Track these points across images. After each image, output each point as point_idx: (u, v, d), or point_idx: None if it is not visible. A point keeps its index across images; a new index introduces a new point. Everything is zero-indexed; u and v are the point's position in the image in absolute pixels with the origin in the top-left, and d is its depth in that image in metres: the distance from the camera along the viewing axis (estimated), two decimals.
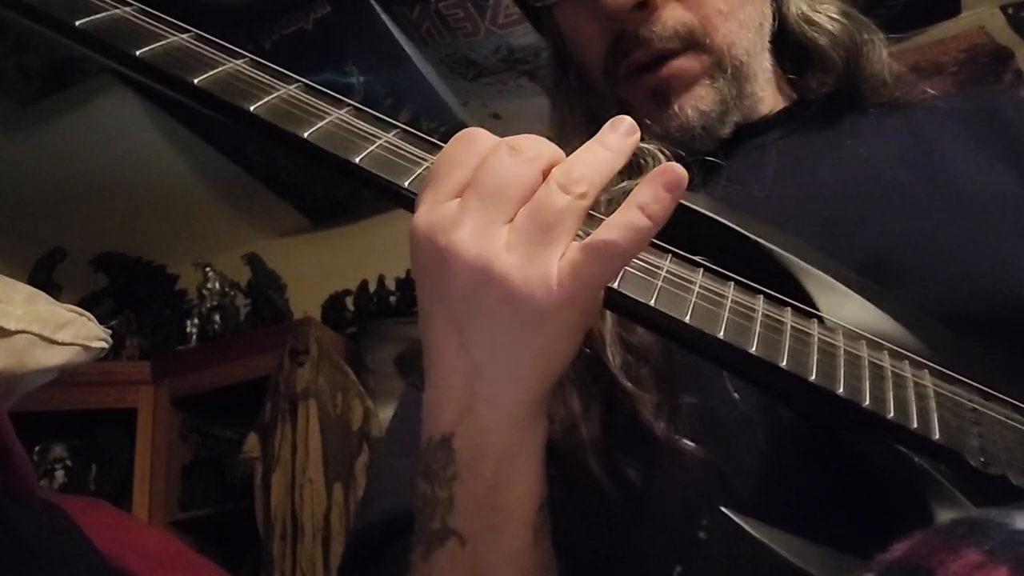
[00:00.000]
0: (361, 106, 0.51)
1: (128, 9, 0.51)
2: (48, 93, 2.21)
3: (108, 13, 0.50)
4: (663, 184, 0.44)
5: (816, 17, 0.74)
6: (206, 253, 2.72)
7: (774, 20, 0.75)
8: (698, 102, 0.69)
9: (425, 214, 0.44)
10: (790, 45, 0.75)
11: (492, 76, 2.27)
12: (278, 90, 0.49)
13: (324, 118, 0.49)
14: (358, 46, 2.14)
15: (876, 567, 0.33)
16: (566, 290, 0.42)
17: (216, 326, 2.60)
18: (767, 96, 0.75)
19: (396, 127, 0.50)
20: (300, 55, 2.14)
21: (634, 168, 0.69)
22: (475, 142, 0.45)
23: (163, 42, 0.50)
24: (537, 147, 0.45)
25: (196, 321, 2.61)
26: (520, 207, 0.43)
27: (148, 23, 0.51)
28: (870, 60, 0.74)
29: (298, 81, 0.51)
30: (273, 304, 2.61)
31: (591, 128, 0.73)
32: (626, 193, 0.67)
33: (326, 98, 0.50)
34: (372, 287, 2.56)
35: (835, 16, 0.74)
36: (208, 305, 2.62)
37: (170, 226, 2.73)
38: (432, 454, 0.48)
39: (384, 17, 2.05)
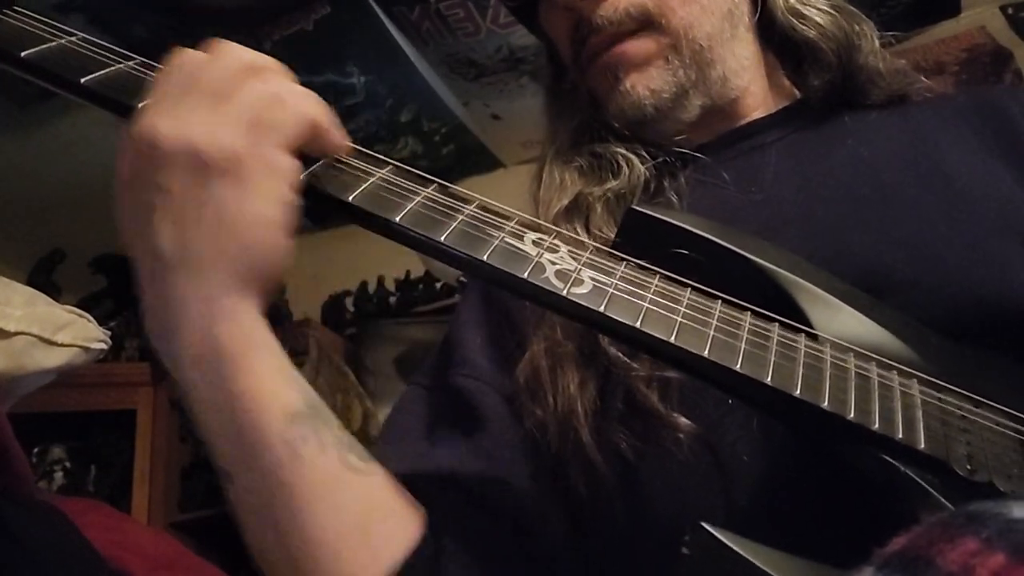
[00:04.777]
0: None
1: (73, 39, 0.54)
2: (48, 94, 2.20)
3: (54, 43, 0.53)
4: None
5: (805, 10, 0.74)
6: None
7: (757, 11, 0.75)
8: (649, 81, 0.70)
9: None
10: (779, 39, 0.75)
11: (493, 76, 2.27)
12: None
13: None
14: (358, 47, 2.13)
15: (876, 560, 0.33)
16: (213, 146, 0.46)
17: None
18: (756, 90, 0.75)
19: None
20: (300, 56, 2.13)
21: (614, 169, 0.70)
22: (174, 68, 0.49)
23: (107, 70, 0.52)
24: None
25: None
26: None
27: (92, 51, 0.53)
28: (862, 52, 0.73)
29: None
30: (272, 305, 2.60)
31: (580, 135, 0.75)
32: (614, 195, 0.68)
33: None
34: (372, 288, 2.56)
35: (824, 8, 0.74)
36: None
37: None
38: (180, 390, 0.50)
39: (384, 17, 2.04)
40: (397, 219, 0.48)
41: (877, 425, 0.45)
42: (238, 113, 0.47)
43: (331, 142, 0.51)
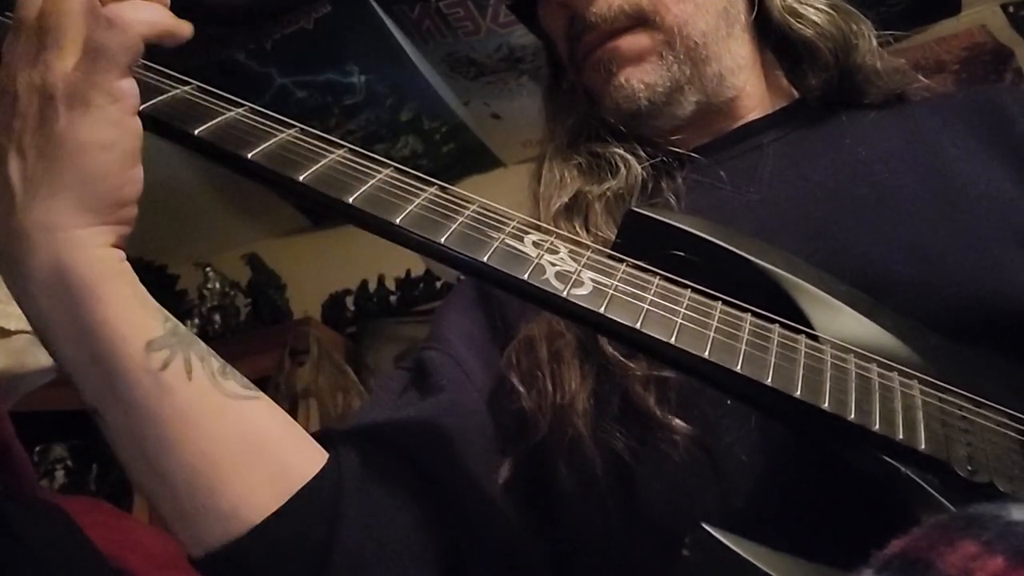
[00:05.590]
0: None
1: None
2: None
3: None
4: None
5: (802, 9, 0.74)
6: (206, 253, 2.72)
7: (753, 10, 0.75)
8: (643, 75, 0.70)
9: None
10: (775, 38, 0.75)
11: (493, 75, 2.27)
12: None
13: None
14: (359, 45, 2.13)
15: (875, 562, 0.34)
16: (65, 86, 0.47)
17: (216, 326, 2.60)
18: (753, 90, 0.75)
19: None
20: (301, 55, 2.13)
21: (612, 169, 0.70)
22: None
23: None
24: None
25: (196, 321, 2.61)
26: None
27: None
28: (860, 51, 0.73)
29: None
30: (273, 304, 2.61)
31: (578, 134, 0.75)
32: (612, 194, 0.68)
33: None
34: (372, 286, 2.56)
35: (822, 7, 0.74)
36: (208, 305, 2.62)
37: (170, 226, 2.72)
38: (35, 327, 0.49)
39: (384, 16, 2.04)
40: (397, 221, 0.48)
41: (878, 426, 0.45)
42: (69, 43, 0.47)
43: (174, 39, 0.52)
